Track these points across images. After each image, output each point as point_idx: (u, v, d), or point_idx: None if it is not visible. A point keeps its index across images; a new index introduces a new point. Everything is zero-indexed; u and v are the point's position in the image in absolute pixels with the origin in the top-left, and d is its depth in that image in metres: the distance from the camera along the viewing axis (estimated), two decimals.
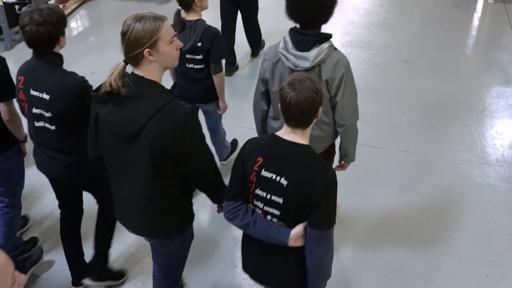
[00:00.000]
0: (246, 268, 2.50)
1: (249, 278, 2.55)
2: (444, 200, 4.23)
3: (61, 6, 8.03)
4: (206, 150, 2.31)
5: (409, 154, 4.78)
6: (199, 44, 3.65)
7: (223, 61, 4.10)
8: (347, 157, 3.22)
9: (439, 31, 7.33)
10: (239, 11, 5.99)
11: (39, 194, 4.28)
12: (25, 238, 3.77)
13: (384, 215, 4.06)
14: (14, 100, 2.95)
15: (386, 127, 5.12)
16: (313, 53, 2.77)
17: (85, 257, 3.43)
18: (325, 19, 2.84)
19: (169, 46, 2.18)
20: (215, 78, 3.79)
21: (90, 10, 8.30)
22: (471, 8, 8.32)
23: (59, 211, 3.32)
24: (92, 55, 6.67)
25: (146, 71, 2.18)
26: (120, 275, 3.49)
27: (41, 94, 2.71)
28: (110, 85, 2.13)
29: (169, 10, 3.94)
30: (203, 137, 2.29)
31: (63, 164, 2.89)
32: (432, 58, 6.51)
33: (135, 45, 2.11)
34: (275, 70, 2.94)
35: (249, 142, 2.31)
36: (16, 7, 7.16)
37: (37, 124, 2.81)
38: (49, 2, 7.88)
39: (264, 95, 3.10)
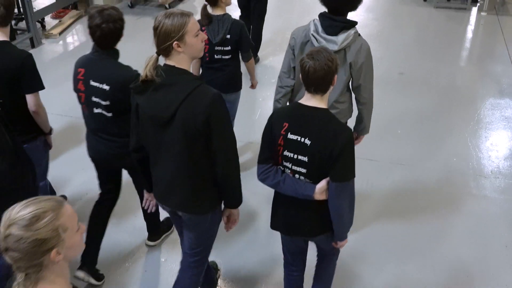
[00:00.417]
0: (276, 225, 2.82)
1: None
2: (440, 212, 4.24)
3: (57, 21, 8.05)
4: (231, 131, 2.58)
5: (404, 167, 4.80)
6: (228, 36, 4.00)
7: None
8: (364, 130, 3.57)
9: (434, 43, 7.38)
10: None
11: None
12: None
13: (378, 226, 4.06)
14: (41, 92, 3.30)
15: (381, 139, 5.14)
16: (340, 38, 3.08)
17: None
18: (354, 7, 3.17)
19: (195, 39, 2.44)
20: (248, 65, 4.34)
21: (86, 24, 8.30)
22: (465, 20, 8.39)
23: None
24: None
25: (176, 61, 2.45)
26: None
27: (101, 85, 3.03)
28: (146, 75, 2.41)
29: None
30: (229, 118, 2.57)
31: (117, 145, 3.18)
32: (427, 70, 6.55)
33: (165, 39, 2.38)
34: (304, 50, 3.20)
35: (276, 112, 2.72)
36: (13, 22, 7.19)
37: (95, 111, 3.11)
38: (46, 18, 7.91)
39: (292, 69, 3.34)
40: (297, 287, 3.11)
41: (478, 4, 8.87)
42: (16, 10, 4.33)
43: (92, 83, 3.06)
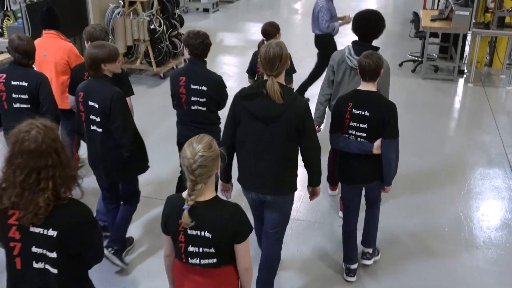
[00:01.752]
0: (344, 177, 4.08)
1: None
2: (432, 283, 4.19)
3: None
4: (315, 130, 3.61)
5: (395, 237, 4.78)
6: None
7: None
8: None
9: (423, 113, 7.53)
10: None
11: None
12: None
13: None
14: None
15: None
16: None
17: None
18: (376, 36, 4.50)
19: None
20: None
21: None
22: (452, 91, 8.61)
23: None
24: None
25: (281, 79, 3.41)
26: None
27: (200, 86, 4.22)
28: (267, 92, 3.32)
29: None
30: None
31: (206, 130, 3.55)
32: (416, 140, 6.65)
33: (280, 63, 3.33)
34: (340, 67, 4.54)
35: (340, 97, 3.97)
36: None
37: (193, 107, 4.29)
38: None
39: (330, 82, 4.67)
40: (353, 233, 4.22)
41: (465, 76, 9.12)
42: None
43: (193, 86, 4.22)
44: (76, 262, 2.43)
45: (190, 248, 2.61)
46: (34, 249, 2.34)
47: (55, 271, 2.36)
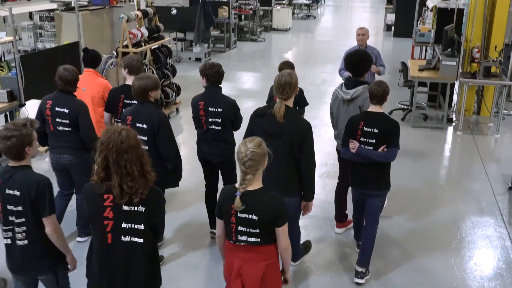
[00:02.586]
0: (353, 182, 4.85)
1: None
2: None
3: None
4: (313, 148, 4.25)
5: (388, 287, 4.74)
6: None
7: None
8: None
9: (413, 162, 7.58)
10: None
11: None
12: None
13: None
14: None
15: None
16: (351, 91, 5.11)
17: None
18: (365, 70, 5.22)
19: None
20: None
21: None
22: (441, 139, 8.71)
23: None
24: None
25: (289, 102, 4.18)
26: None
27: (216, 108, 4.97)
28: (274, 113, 4.11)
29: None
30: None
31: (222, 148, 5.12)
32: (407, 188, 6.68)
33: (289, 89, 4.10)
34: (335, 101, 5.29)
35: (352, 117, 4.71)
36: None
37: (211, 127, 5.03)
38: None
39: (331, 114, 5.41)
40: (361, 222, 5.00)
41: (454, 124, 9.25)
42: None
43: (210, 108, 4.97)
44: (153, 233, 3.18)
45: (240, 228, 3.26)
46: (123, 225, 3.08)
47: (141, 240, 3.10)
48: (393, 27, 19.01)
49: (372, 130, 4.52)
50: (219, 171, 5.35)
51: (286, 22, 19.96)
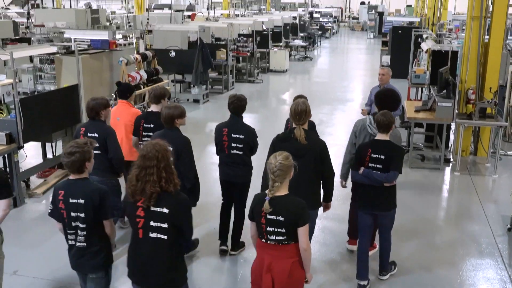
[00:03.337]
0: (361, 204, 5.30)
1: None
2: None
3: (41, 180, 8.18)
4: (330, 160, 4.95)
5: None
6: None
7: None
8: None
9: (412, 203, 7.56)
10: None
11: None
12: None
13: None
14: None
15: None
16: None
17: None
18: (394, 108, 5.61)
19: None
20: None
21: None
22: (439, 180, 8.71)
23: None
24: None
25: (305, 126, 4.86)
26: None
27: (239, 135, 5.65)
28: (297, 136, 4.78)
29: None
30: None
31: (242, 170, 5.78)
32: (406, 229, 6.64)
33: (305, 116, 4.82)
34: (361, 132, 5.74)
35: (361, 144, 5.37)
36: None
37: (232, 151, 5.70)
38: (32, 177, 8.04)
39: (353, 144, 5.77)
40: (365, 253, 5.35)
41: (451, 164, 9.27)
42: None
43: (233, 135, 5.64)
44: (178, 232, 3.75)
45: (269, 228, 3.83)
46: (151, 223, 3.70)
47: (165, 237, 3.70)
48: None
49: (379, 156, 5.03)
50: (235, 191, 5.93)
51: (283, 64, 20.23)
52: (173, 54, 13.83)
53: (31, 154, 8.88)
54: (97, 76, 8.81)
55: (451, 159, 9.41)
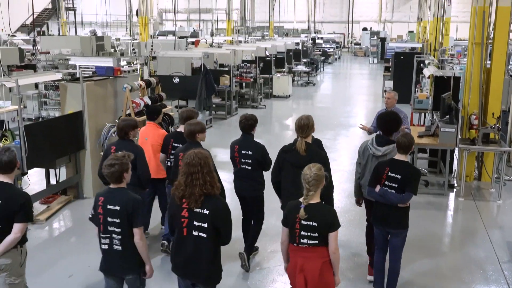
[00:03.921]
0: (375, 220, 5.50)
1: None
2: None
3: (45, 206, 8.16)
4: (330, 174, 5.30)
5: None
6: None
7: None
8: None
9: (416, 229, 7.45)
10: None
11: None
12: None
13: None
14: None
15: None
16: (383, 149, 5.74)
17: None
18: (395, 130, 5.88)
19: None
20: None
21: (74, 209, 8.30)
22: (444, 205, 8.67)
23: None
24: (72, 257, 6.62)
25: (308, 139, 5.35)
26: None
27: (248, 151, 6.11)
28: (297, 148, 5.31)
29: None
30: None
31: (251, 185, 6.23)
32: (411, 255, 6.54)
33: (308, 129, 5.31)
34: (364, 153, 5.93)
35: (380, 162, 5.50)
36: None
37: (242, 166, 6.18)
38: (34, 203, 8.02)
39: (359, 164, 6.07)
40: (381, 263, 5.59)
41: (455, 190, 9.23)
42: None
43: (243, 151, 6.12)
44: (217, 233, 4.18)
45: (302, 233, 4.25)
46: (195, 223, 4.16)
47: (205, 235, 4.15)
48: None
49: (396, 175, 5.22)
50: (248, 205, 6.36)
51: (286, 89, 20.34)
52: (177, 80, 13.93)
53: (34, 180, 8.89)
54: (101, 102, 8.86)
55: (455, 185, 9.38)
